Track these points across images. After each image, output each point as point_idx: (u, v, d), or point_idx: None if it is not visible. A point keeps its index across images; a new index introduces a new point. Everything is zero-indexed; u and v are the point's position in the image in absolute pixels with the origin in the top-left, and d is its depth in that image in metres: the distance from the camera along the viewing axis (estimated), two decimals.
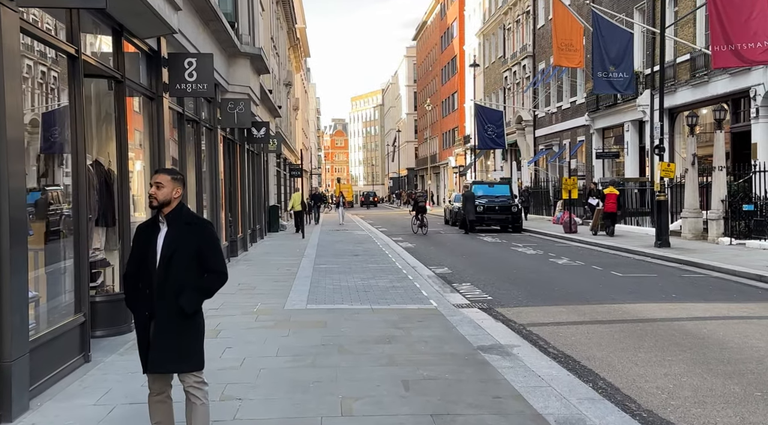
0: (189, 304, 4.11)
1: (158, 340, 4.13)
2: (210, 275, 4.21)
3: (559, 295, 11.39)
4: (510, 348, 7.27)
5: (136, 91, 9.29)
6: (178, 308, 4.09)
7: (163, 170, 4.42)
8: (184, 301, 4.09)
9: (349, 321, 8.78)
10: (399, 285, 11.93)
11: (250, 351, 7.24)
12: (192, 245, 4.13)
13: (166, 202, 4.17)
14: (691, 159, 19.86)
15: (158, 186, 4.16)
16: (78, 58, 6.77)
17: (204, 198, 13.81)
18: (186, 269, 4.12)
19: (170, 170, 4.34)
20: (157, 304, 4.12)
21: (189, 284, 4.12)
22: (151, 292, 4.12)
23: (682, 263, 15.28)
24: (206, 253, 4.17)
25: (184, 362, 4.20)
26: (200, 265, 4.17)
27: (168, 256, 4.10)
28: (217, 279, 4.23)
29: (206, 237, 4.21)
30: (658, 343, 7.69)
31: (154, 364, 4.15)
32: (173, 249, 4.10)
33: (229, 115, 15.04)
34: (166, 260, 4.10)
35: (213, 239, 4.23)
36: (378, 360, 6.82)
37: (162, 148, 9.77)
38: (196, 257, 4.15)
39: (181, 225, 4.16)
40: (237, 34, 15.70)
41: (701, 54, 22.51)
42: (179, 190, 4.23)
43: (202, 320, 4.31)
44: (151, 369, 4.18)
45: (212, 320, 8.84)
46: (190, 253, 4.13)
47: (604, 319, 9.18)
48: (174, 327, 4.13)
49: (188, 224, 4.18)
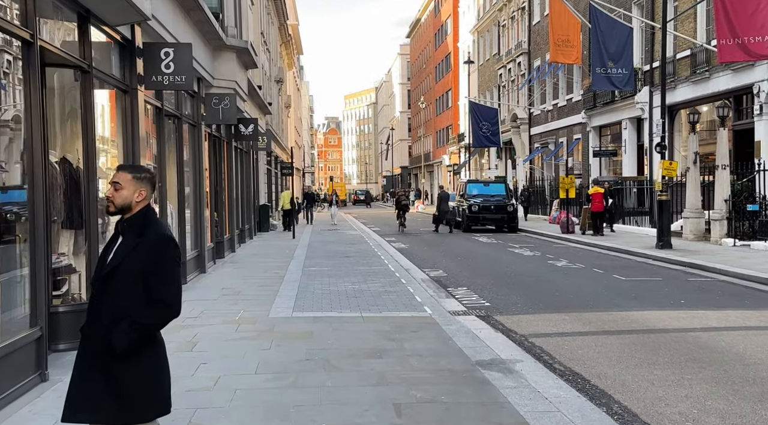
0: (119, 340, 3.23)
1: (79, 381, 3.30)
2: (152, 307, 3.29)
3: (561, 301, 10.75)
4: (512, 363, 6.62)
5: (107, 83, 8.60)
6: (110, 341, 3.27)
7: (124, 166, 3.58)
8: (114, 335, 3.24)
9: (338, 332, 8.13)
10: (391, 290, 11.29)
11: (226, 367, 6.57)
12: (138, 263, 3.30)
13: (126, 206, 3.38)
14: (692, 157, 19.27)
15: (116, 187, 3.37)
16: (33, 43, 6.09)
17: (187, 198, 13.13)
18: (129, 293, 3.29)
19: (132, 167, 3.54)
20: (86, 331, 3.35)
21: (133, 313, 3.28)
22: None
23: (686, 265, 14.67)
24: (151, 276, 3.28)
25: (111, 412, 3.27)
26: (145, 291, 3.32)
27: (109, 273, 3.32)
28: (160, 313, 3.31)
29: (153, 255, 3.30)
30: (673, 358, 7.03)
31: (69, 410, 3.31)
32: (115, 265, 3.31)
33: (214, 110, 14.34)
34: (105, 277, 3.32)
35: (162, 259, 3.31)
36: (367, 378, 6.17)
37: (137, 144, 9.09)
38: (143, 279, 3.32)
39: (134, 237, 3.35)
40: (222, 26, 15.02)
41: (702, 50, 21.92)
42: (143, 192, 3.40)
43: (155, 359, 3.40)
44: (64, 417, 3.33)
45: (189, 330, 8.19)
46: (136, 273, 3.29)
47: (611, 329, 8.53)
48: (103, 363, 3.27)
49: (140, 235, 3.34)
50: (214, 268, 14.80)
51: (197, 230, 13.75)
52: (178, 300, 3.36)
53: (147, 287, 3.29)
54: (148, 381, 3.36)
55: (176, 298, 3.35)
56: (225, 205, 17.74)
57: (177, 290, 3.37)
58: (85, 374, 3.31)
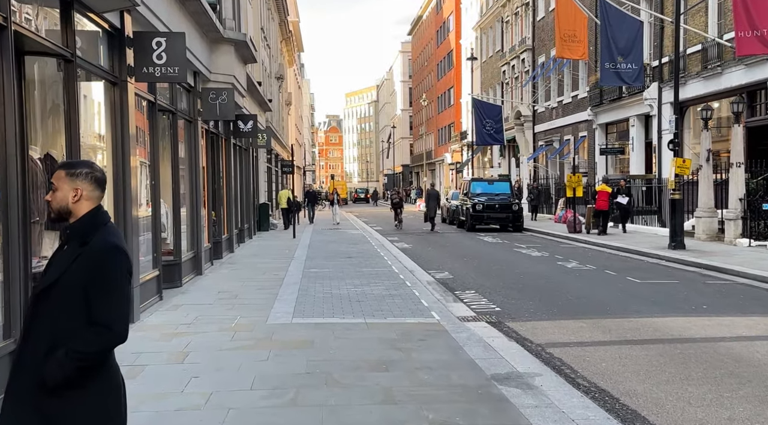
0: (52, 373, 2.61)
1: (4, 418, 2.67)
2: (92, 331, 2.66)
3: (575, 306, 10.19)
4: (530, 377, 6.07)
5: (94, 74, 8.07)
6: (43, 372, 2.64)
7: (61, 163, 2.99)
8: (47, 367, 2.62)
9: (340, 340, 7.58)
10: (396, 293, 10.73)
11: (220, 381, 6.02)
12: (79, 277, 2.67)
13: (64, 210, 2.77)
14: (705, 155, 18.70)
15: (52, 188, 2.78)
16: (6, 27, 5.53)
17: (182, 197, 12.59)
18: (69, 314, 2.67)
19: (67, 164, 2.88)
20: (17, 361, 2.72)
21: (71, 339, 2.65)
22: None
23: (702, 267, 14.10)
24: (92, 292, 2.66)
25: None
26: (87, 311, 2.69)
27: (45, 289, 2.71)
28: (100, 338, 2.65)
29: (96, 267, 2.67)
30: (708, 372, 6.46)
31: None
32: (52, 280, 2.69)
33: (211, 106, 13.78)
34: (41, 295, 2.72)
35: (106, 272, 2.68)
36: (373, 395, 5.62)
37: (127, 139, 8.54)
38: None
39: (76, 246, 2.73)
40: (220, 18, 14.45)
41: (714, 44, 21.32)
42: (80, 190, 2.77)
43: (102, 397, 2.73)
44: None
45: (182, 338, 7.65)
46: (77, 289, 2.67)
47: (634, 338, 7.96)
48: (37, 402, 2.64)
49: (83, 244, 2.72)
50: (212, 269, 14.25)
51: (194, 230, 13.20)
52: (122, 322, 2.70)
53: (88, 305, 2.67)
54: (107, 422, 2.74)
55: (120, 320, 2.69)
56: (223, 204, 17.20)
57: (122, 311, 2.72)
58: (11, 416, 2.67)
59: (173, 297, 10.41)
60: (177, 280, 11.50)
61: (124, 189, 8.49)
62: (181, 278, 11.67)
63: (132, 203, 8.70)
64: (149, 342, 7.51)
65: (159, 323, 8.58)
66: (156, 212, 10.54)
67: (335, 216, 32.22)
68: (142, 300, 9.16)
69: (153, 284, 9.97)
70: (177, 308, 9.55)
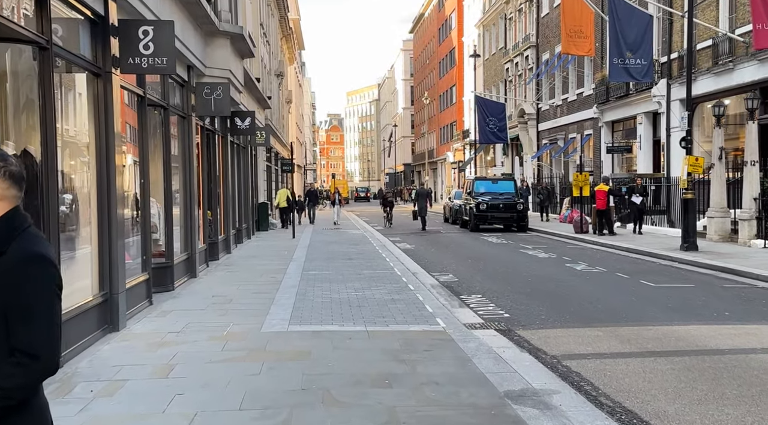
0: None
1: None
2: (12, 362, 2.11)
3: (589, 312, 9.62)
4: (548, 395, 5.51)
5: (75, 64, 7.51)
6: None
7: None
8: None
9: (339, 350, 7.02)
10: (399, 298, 10.17)
11: (206, 400, 5.46)
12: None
13: None
14: (717, 153, 18.12)
15: None
16: None
17: (174, 196, 12.02)
18: None
19: None
20: None
21: None
22: None
23: (717, 269, 13.53)
24: (12, 314, 2.12)
25: None
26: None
27: None
28: (22, 370, 2.10)
29: (16, 281, 2.13)
30: (743, 390, 5.87)
31: None
32: None
33: (206, 101, 13.20)
34: None
35: (29, 287, 2.14)
36: (374, 416, 5.06)
37: (111, 134, 7.97)
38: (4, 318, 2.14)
39: None
40: (215, 10, 13.88)
41: (725, 39, 20.72)
42: None
43: None
44: None
45: (168, 349, 7.09)
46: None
47: (656, 349, 7.38)
48: None
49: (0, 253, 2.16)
50: (207, 271, 13.69)
51: (187, 230, 12.63)
52: (50, 348, 2.15)
53: (9, 329, 2.12)
54: None
55: (48, 345, 2.14)
56: (220, 203, 16.63)
57: (50, 335, 2.15)
58: None
59: (164, 302, 9.85)
60: (169, 283, 10.94)
61: (109, 188, 7.93)
62: (173, 281, 11.11)
63: (118, 203, 8.15)
64: (133, 353, 6.95)
65: (146, 331, 8.03)
66: (146, 213, 9.98)
67: (336, 216, 31.67)
68: (130, 306, 8.60)
69: (142, 289, 9.42)
70: (166, 315, 8.99)
